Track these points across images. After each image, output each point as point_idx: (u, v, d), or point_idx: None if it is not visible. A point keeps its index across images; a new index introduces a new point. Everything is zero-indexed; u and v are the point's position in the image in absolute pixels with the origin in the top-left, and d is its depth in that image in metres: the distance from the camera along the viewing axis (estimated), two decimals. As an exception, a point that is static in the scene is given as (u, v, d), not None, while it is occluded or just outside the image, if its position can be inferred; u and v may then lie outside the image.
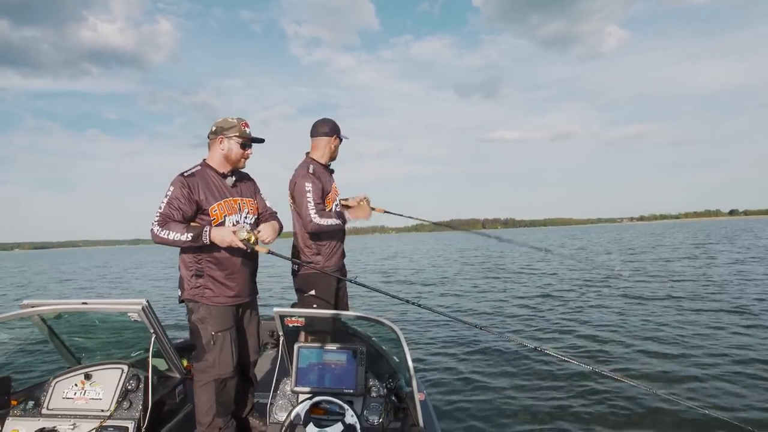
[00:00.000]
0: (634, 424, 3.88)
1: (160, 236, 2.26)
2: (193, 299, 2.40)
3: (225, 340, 2.41)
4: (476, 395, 4.65)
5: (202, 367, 2.40)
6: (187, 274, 2.42)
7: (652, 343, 6.08)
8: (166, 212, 2.31)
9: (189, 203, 2.35)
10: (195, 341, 2.42)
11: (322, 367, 2.43)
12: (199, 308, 2.40)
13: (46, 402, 2.31)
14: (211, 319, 2.39)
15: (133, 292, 16.04)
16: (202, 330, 2.39)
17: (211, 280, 2.40)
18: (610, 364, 5.31)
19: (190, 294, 2.41)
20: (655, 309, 8.22)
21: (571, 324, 7.45)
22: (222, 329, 2.41)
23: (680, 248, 23.39)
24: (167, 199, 2.32)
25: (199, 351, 2.41)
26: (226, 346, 2.41)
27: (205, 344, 2.38)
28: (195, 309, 2.41)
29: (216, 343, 2.39)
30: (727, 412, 3.78)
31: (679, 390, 4.44)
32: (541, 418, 4.07)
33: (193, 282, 2.40)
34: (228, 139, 2.46)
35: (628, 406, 4.15)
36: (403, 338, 2.17)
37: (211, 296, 2.40)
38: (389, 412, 2.35)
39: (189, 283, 2.41)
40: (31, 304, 2.34)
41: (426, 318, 8.25)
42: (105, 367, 2.43)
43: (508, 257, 22.12)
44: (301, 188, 2.93)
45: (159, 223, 2.28)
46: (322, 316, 2.61)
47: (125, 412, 2.28)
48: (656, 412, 4.01)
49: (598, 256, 20.73)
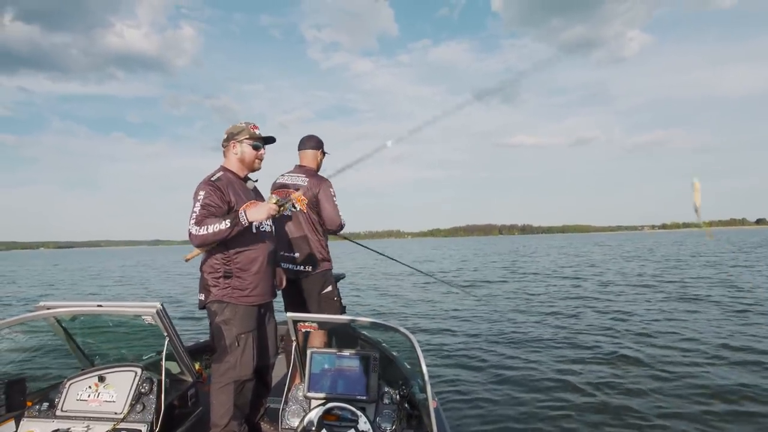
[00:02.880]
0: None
1: (200, 234, 2.24)
2: (222, 300, 2.38)
3: (248, 341, 2.40)
4: (487, 403, 4.57)
5: (223, 369, 2.37)
6: (215, 276, 2.40)
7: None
8: (201, 214, 2.29)
9: (222, 203, 2.35)
10: (217, 343, 2.40)
11: (334, 372, 2.40)
12: (225, 309, 2.37)
13: (60, 404, 2.33)
14: (236, 320, 2.37)
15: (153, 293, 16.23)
16: (226, 331, 2.36)
17: (240, 280, 2.40)
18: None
19: (217, 296, 2.38)
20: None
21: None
22: (246, 331, 2.39)
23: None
24: (200, 203, 2.31)
25: (221, 353, 2.38)
26: (248, 348, 2.40)
27: (228, 345, 2.36)
28: (220, 311, 2.38)
29: (240, 344, 2.37)
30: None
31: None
32: (555, 426, 3.97)
33: (221, 283, 2.38)
34: (239, 143, 2.49)
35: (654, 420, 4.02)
36: (418, 346, 2.13)
37: (239, 296, 2.39)
38: (402, 420, 2.30)
39: (217, 285, 2.39)
40: (46, 305, 2.36)
41: (432, 325, 8.18)
42: (118, 370, 2.44)
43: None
44: (327, 191, 3.17)
45: (196, 223, 2.26)
46: (336, 322, 2.58)
47: (138, 415, 2.28)
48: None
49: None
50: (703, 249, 31.53)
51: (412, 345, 2.15)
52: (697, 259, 22.04)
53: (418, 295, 12.11)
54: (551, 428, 3.99)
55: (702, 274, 15.05)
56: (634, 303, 9.97)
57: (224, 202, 2.37)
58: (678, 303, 9.71)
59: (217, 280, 2.39)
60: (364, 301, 11.66)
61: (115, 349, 2.78)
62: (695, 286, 12.16)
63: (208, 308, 2.44)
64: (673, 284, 12.84)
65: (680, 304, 9.52)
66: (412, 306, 10.69)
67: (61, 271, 30.72)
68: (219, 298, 2.39)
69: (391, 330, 2.29)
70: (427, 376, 2.13)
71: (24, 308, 12.41)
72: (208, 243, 2.28)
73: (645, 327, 7.51)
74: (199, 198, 2.32)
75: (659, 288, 12.19)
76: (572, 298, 11.01)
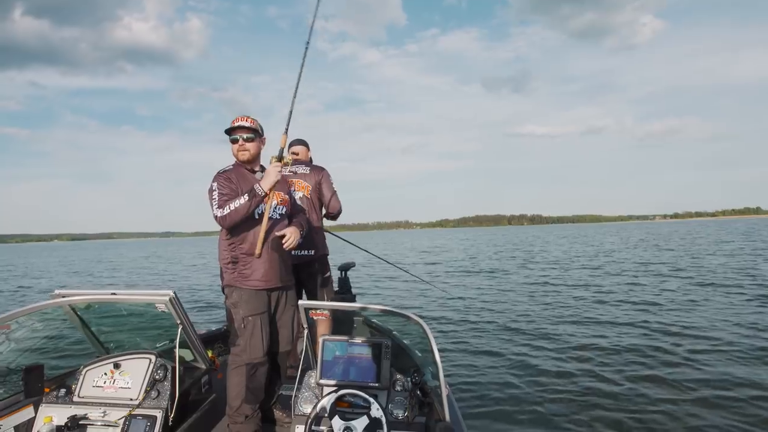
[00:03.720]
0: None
1: (225, 214, 2.36)
2: (231, 285, 2.50)
3: (255, 324, 2.46)
4: (498, 390, 4.58)
5: (235, 351, 2.46)
6: (225, 263, 2.53)
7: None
8: (221, 199, 2.41)
9: (237, 187, 2.48)
10: (230, 326, 2.52)
11: (346, 360, 2.40)
12: (233, 293, 2.49)
13: (77, 390, 2.36)
14: (242, 303, 2.46)
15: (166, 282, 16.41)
16: (234, 314, 2.47)
17: (243, 266, 2.49)
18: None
19: (228, 281, 2.51)
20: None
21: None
22: (252, 314, 2.46)
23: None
24: (216, 192, 2.43)
25: (233, 335, 2.49)
26: (257, 331, 2.46)
27: (237, 328, 2.46)
28: (229, 294, 2.51)
29: (246, 327, 2.44)
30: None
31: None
32: (566, 416, 3.96)
33: (230, 269, 2.50)
34: (229, 141, 2.58)
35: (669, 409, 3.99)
36: (431, 333, 2.12)
37: (243, 280, 2.48)
38: (414, 407, 2.30)
39: (227, 271, 2.52)
40: (62, 293, 2.39)
41: (442, 312, 8.19)
42: (133, 357, 2.47)
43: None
44: (328, 179, 3.39)
45: (219, 207, 2.39)
46: (348, 309, 2.58)
47: (153, 401, 2.31)
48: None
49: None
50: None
51: (424, 332, 2.14)
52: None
53: (426, 285, 12.10)
54: (564, 416, 3.99)
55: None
56: (658, 293, 9.90)
57: (237, 187, 2.47)
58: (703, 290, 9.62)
59: (227, 266, 2.52)
60: (373, 290, 11.70)
61: (129, 337, 2.82)
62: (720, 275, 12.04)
63: (225, 293, 2.57)
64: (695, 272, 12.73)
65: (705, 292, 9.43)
66: (422, 294, 10.71)
67: (82, 261, 31.24)
68: (228, 282, 2.52)
69: (403, 317, 2.28)
70: (440, 363, 2.12)
71: (42, 297, 12.64)
72: (235, 221, 2.38)
73: (671, 317, 7.47)
74: (214, 189, 2.44)
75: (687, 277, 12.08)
76: (581, 287, 10.97)
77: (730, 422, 3.73)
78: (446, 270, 17.19)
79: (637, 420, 3.85)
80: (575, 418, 3.95)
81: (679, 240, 31.91)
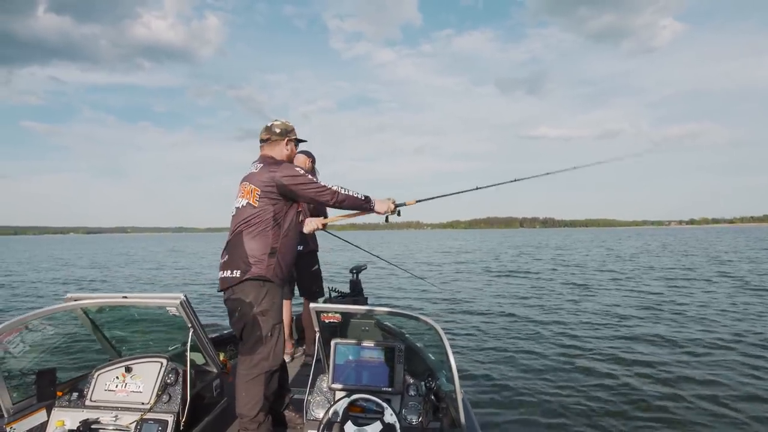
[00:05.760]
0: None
1: (343, 192, 2.47)
2: (264, 277, 2.33)
3: (281, 331, 2.42)
4: (515, 395, 4.49)
5: (256, 360, 2.32)
6: (263, 252, 2.35)
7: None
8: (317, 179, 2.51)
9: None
10: (250, 334, 2.33)
11: (359, 364, 2.37)
12: (266, 292, 2.34)
13: (89, 394, 2.36)
14: (273, 312, 2.36)
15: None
16: (262, 322, 2.32)
17: (280, 261, 2.39)
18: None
19: (257, 273, 2.31)
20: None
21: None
22: (280, 321, 2.41)
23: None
24: (307, 175, 2.46)
25: (255, 343, 2.32)
26: (281, 338, 2.42)
27: (264, 336, 2.33)
28: (258, 292, 2.32)
29: (273, 335, 2.36)
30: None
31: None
32: (585, 427, 3.85)
33: (266, 260, 2.34)
34: (291, 141, 2.66)
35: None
36: (445, 336, 2.07)
37: (278, 275, 2.37)
38: (428, 412, 2.26)
39: (261, 262, 2.34)
40: (74, 297, 2.39)
41: (455, 315, 8.11)
42: (145, 361, 2.46)
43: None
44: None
45: (328, 186, 2.46)
46: (359, 312, 2.54)
47: (165, 405, 2.30)
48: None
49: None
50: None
51: (438, 335, 2.09)
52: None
53: (441, 287, 12.02)
54: (578, 421, 3.91)
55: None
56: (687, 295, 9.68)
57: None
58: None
59: (261, 257, 2.34)
60: (385, 292, 11.65)
61: (141, 340, 2.81)
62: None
63: (240, 287, 2.33)
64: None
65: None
66: (436, 296, 10.64)
67: (106, 255, 31.68)
68: (262, 274, 2.32)
69: (416, 320, 2.24)
70: (455, 367, 2.07)
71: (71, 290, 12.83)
72: (345, 205, 2.51)
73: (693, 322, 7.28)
74: (300, 171, 2.45)
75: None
76: (593, 290, 10.76)
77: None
78: (458, 271, 17.06)
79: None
80: (593, 422, 3.84)
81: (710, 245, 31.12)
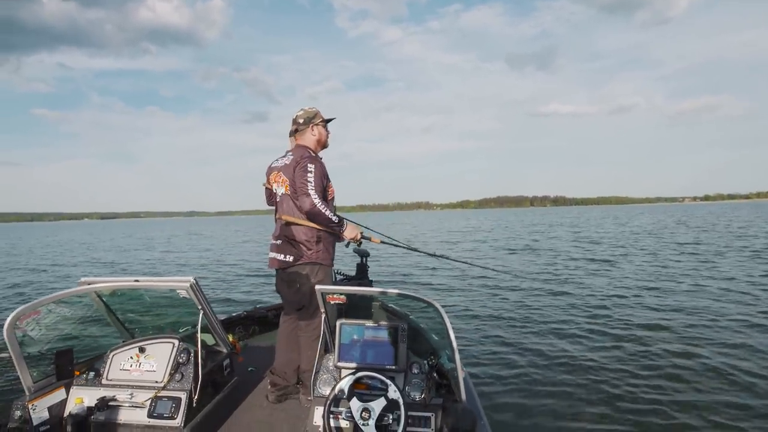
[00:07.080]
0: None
1: (323, 209, 2.59)
2: (316, 262, 2.71)
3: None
4: (515, 373, 4.58)
5: (316, 324, 2.67)
6: (311, 240, 2.70)
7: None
8: (317, 188, 2.63)
9: (324, 179, 2.75)
10: (311, 303, 2.67)
11: (364, 343, 2.43)
12: (318, 272, 2.71)
13: (105, 373, 2.47)
14: (325, 284, 2.66)
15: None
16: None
17: (326, 247, 2.75)
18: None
19: (311, 257, 2.70)
20: None
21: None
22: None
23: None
24: (312, 175, 2.62)
25: (315, 311, 2.65)
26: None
27: (320, 305, 2.61)
28: (313, 273, 2.71)
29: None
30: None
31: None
32: (584, 403, 3.91)
33: (315, 247, 2.71)
34: (317, 125, 2.83)
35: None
36: (446, 315, 2.12)
37: (327, 259, 2.75)
38: (431, 389, 2.32)
39: (311, 249, 2.70)
40: (87, 281, 2.48)
41: (458, 297, 8.17)
42: (157, 341, 2.55)
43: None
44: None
45: (321, 198, 2.63)
46: (364, 293, 2.60)
47: (177, 383, 2.39)
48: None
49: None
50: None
51: (440, 315, 2.14)
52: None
53: (442, 271, 12.08)
54: (579, 401, 3.97)
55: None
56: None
57: (325, 177, 2.73)
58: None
59: (310, 244, 2.70)
60: (389, 276, 11.74)
61: (153, 322, 2.91)
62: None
63: (296, 270, 2.70)
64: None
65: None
66: (437, 278, 10.71)
67: (126, 239, 32.29)
68: (312, 259, 2.70)
69: (419, 301, 2.29)
70: (456, 346, 2.13)
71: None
72: (320, 219, 2.61)
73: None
74: (310, 170, 2.62)
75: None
76: (597, 275, 10.75)
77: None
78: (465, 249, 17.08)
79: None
80: (593, 405, 3.88)
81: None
